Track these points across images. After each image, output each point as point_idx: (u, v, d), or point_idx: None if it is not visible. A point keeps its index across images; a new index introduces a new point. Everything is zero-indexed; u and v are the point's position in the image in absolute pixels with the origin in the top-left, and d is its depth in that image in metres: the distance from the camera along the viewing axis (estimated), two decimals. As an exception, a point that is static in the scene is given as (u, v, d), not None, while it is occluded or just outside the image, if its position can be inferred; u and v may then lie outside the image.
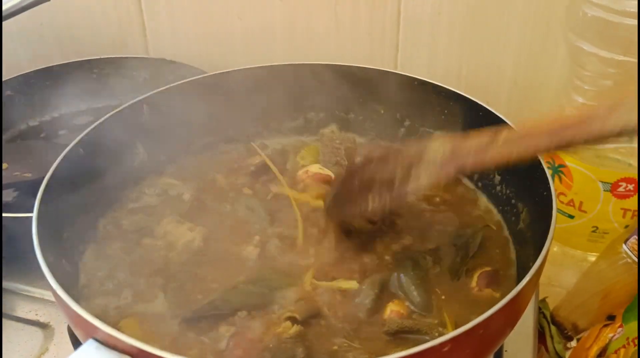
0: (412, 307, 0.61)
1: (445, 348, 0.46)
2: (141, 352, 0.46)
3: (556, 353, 0.82)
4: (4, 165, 0.89)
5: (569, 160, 0.81)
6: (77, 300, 0.57)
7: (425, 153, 0.55)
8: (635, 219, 0.81)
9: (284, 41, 1.05)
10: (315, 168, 0.72)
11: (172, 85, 0.78)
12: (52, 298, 0.74)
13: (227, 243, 0.68)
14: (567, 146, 0.47)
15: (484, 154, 0.50)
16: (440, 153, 0.54)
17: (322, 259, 0.65)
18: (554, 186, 0.59)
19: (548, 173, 0.61)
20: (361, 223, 0.65)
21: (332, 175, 0.74)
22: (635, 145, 0.81)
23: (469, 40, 0.98)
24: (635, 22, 0.72)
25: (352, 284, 0.62)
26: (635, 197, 0.80)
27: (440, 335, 0.54)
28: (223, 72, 0.81)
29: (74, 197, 0.66)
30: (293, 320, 0.57)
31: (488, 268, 0.64)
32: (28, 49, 1.09)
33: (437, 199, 0.74)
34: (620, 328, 0.76)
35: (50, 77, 1.03)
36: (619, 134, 0.44)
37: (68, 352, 0.69)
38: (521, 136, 0.49)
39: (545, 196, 0.59)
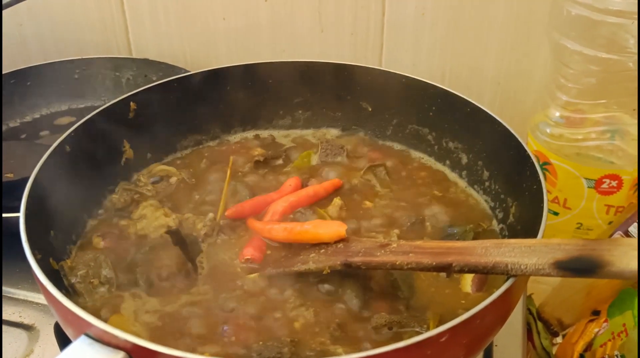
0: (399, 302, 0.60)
1: (443, 339, 0.46)
2: (136, 346, 0.45)
3: (543, 349, 0.82)
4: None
5: (553, 157, 0.82)
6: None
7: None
8: (619, 216, 0.83)
9: (268, 41, 1.05)
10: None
11: (158, 82, 0.77)
12: (37, 300, 0.74)
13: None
14: (445, 269, 0.52)
15: (371, 256, 0.55)
16: (333, 245, 0.59)
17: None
18: (544, 180, 0.60)
19: (538, 166, 0.62)
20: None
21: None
22: (617, 142, 0.82)
23: (452, 40, 0.99)
24: (618, 20, 0.73)
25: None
26: (618, 193, 0.81)
27: (428, 328, 0.54)
28: (209, 70, 0.81)
29: (60, 194, 0.65)
30: None
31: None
32: (7, 50, 1.08)
33: (428, 196, 0.75)
34: (605, 323, 0.77)
35: (30, 77, 1.02)
36: (492, 270, 0.50)
37: (53, 354, 0.68)
38: (407, 250, 0.53)
39: (536, 190, 0.60)
